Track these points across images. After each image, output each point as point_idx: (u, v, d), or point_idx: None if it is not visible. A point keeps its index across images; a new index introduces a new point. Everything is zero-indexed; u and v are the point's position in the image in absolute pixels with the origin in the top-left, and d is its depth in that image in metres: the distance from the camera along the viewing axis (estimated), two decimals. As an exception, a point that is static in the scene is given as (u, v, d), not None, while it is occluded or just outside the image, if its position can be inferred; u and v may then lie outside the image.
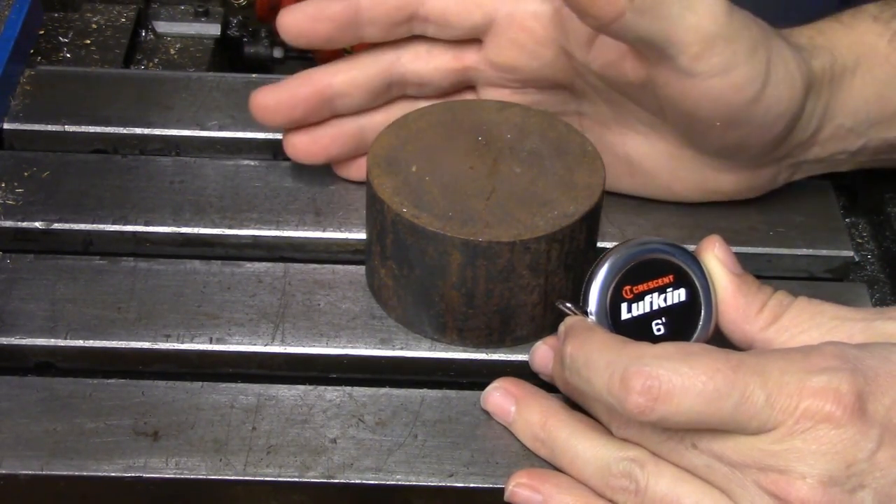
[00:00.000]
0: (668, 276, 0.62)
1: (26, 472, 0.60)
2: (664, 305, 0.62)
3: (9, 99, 0.79)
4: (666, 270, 0.62)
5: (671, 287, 0.62)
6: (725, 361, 0.55)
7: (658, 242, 0.63)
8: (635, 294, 0.62)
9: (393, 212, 0.64)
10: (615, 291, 0.62)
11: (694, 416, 0.54)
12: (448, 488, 0.61)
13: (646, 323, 0.62)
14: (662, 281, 0.62)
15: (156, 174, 0.76)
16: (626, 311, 0.62)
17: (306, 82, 0.72)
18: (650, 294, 0.62)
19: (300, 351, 0.67)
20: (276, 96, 0.71)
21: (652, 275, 0.62)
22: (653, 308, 0.62)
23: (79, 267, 0.70)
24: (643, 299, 0.62)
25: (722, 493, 0.56)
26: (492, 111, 0.71)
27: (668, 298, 0.62)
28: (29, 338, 0.66)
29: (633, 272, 0.62)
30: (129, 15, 0.92)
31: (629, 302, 0.62)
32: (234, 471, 0.61)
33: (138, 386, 0.64)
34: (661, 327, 0.62)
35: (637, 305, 0.62)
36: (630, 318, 0.62)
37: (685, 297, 0.62)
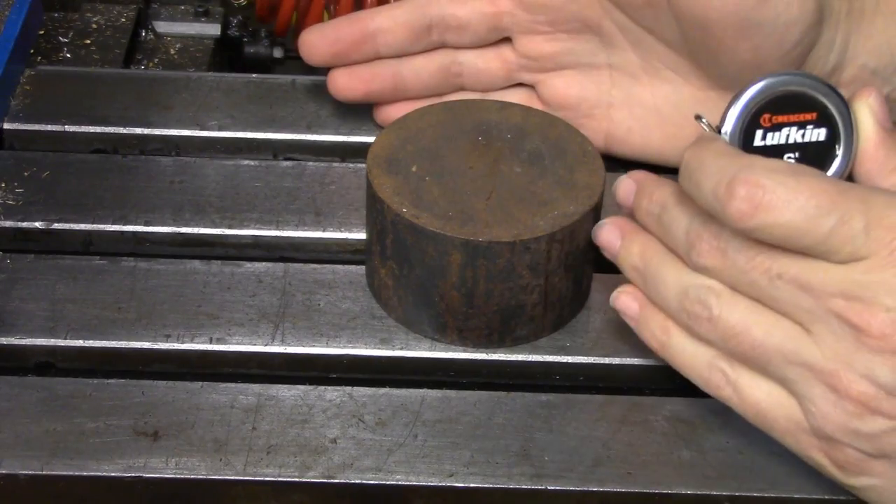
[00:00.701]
0: (811, 113, 0.60)
1: (26, 472, 0.60)
2: (800, 141, 0.60)
3: (9, 99, 0.79)
4: (811, 107, 0.60)
5: (812, 125, 0.60)
6: (833, 184, 0.55)
7: (812, 78, 0.61)
8: (773, 123, 0.60)
9: (393, 212, 0.64)
10: (753, 116, 0.60)
11: (790, 232, 0.54)
12: (448, 488, 0.61)
13: (777, 153, 0.60)
14: (804, 117, 0.60)
15: (156, 174, 0.76)
16: (759, 137, 0.60)
17: (350, 19, 0.75)
18: (788, 127, 0.60)
19: (300, 351, 0.67)
20: (321, 32, 0.75)
21: (795, 108, 0.60)
22: (788, 141, 0.60)
23: (79, 267, 0.70)
24: (780, 130, 0.60)
25: (797, 325, 0.56)
26: (492, 111, 0.71)
27: (807, 135, 0.60)
28: (29, 338, 0.66)
29: (777, 101, 0.60)
30: (129, 15, 0.92)
31: (765, 130, 0.60)
32: (234, 471, 0.61)
33: (138, 386, 0.64)
34: (792, 160, 0.60)
35: (773, 135, 0.60)
36: (763, 145, 0.60)
37: (824, 137, 0.60)
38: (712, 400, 0.63)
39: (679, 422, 0.64)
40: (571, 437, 0.63)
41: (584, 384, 0.67)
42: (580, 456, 0.62)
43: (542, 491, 0.61)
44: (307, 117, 0.80)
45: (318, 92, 0.81)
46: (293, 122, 0.79)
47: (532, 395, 0.65)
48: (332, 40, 0.75)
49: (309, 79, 0.83)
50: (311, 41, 0.75)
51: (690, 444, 0.63)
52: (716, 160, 0.57)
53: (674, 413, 0.64)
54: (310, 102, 0.81)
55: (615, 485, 0.61)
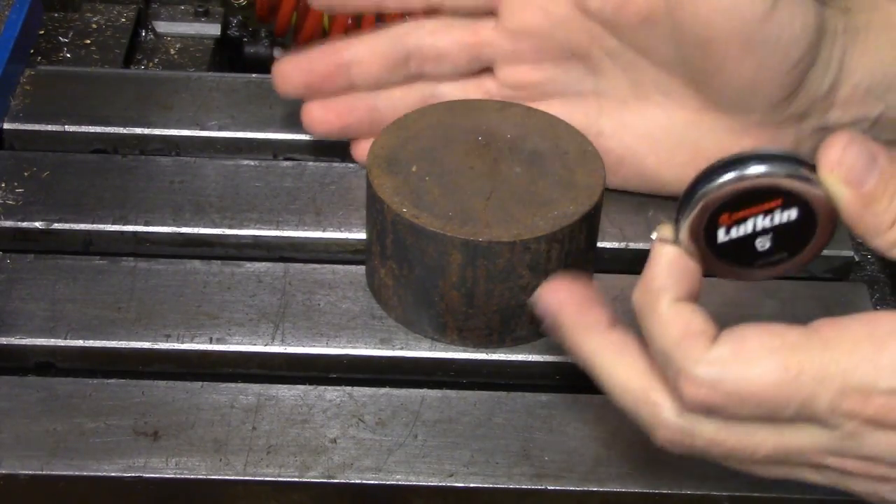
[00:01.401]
0: (774, 200, 0.54)
1: (26, 472, 0.60)
2: (770, 225, 0.55)
3: (9, 99, 0.79)
4: (772, 195, 0.54)
5: (779, 209, 0.54)
6: (785, 371, 0.52)
7: (762, 163, 0.54)
8: (734, 220, 0.55)
9: (393, 212, 0.64)
10: (710, 219, 0.55)
11: (754, 420, 0.53)
12: (448, 488, 0.61)
13: (747, 242, 0.55)
14: (768, 205, 0.54)
15: (156, 174, 0.76)
16: (723, 234, 0.55)
17: (324, 50, 0.74)
18: (753, 217, 0.55)
19: (300, 351, 0.67)
20: (295, 62, 0.74)
21: (755, 200, 0.54)
22: (756, 229, 0.55)
23: (79, 267, 0.70)
24: (744, 223, 0.55)
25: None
26: (492, 111, 0.71)
27: (776, 219, 0.55)
28: (29, 338, 0.66)
29: (733, 200, 0.54)
30: (129, 15, 0.92)
31: (727, 227, 0.55)
32: (234, 471, 0.61)
33: (138, 386, 0.64)
34: (766, 243, 0.56)
35: (738, 228, 0.55)
36: (728, 240, 0.55)
37: (796, 216, 0.54)
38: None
39: (679, 422, 0.64)
40: (571, 437, 0.63)
41: (584, 384, 0.67)
42: (580, 456, 0.62)
43: (542, 491, 0.61)
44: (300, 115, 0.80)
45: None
46: (293, 122, 0.79)
47: (532, 395, 0.65)
48: (306, 71, 0.73)
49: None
50: (284, 71, 0.74)
51: (690, 444, 0.63)
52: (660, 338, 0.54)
53: (674, 413, 0.64)
54: (310, 102, 0.81)
55: (615, 485, 0.61)
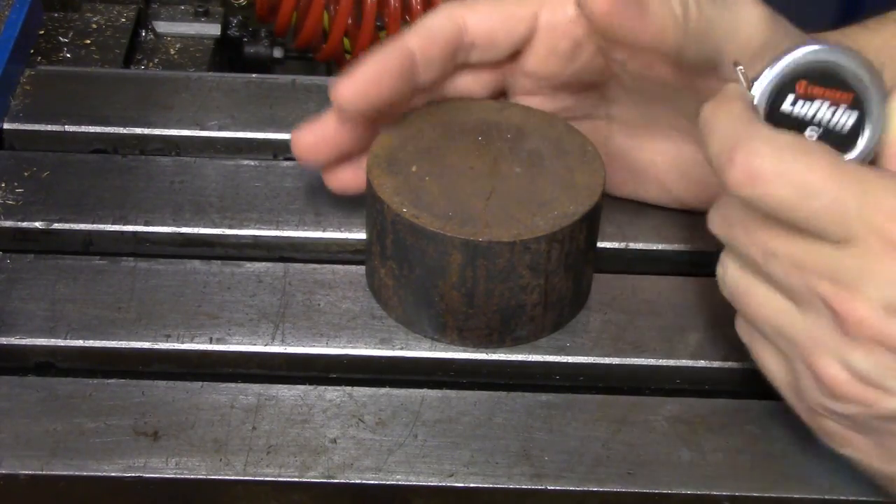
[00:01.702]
0: (847, 94, 0.58)
1: (26, 472, 0.60)
2: (828, 118, 0.58)
3: (9, 99, 0.79)
4: (849, 88, 0.58)
5: (844, 105, 0.58)
6: (832, 164, 0.54)
7: (861, 60, 0.58)
8: (807, 93, 0.58)
9: (393, 212, 0.64)
10: (790, 80, 0.58)
11: (782, 205, 0.55)
12: (448, 488, 0.61)
13: (802, 124, 0.58)
14: (840, 95, 0.58)
15: (156, 174, 0.76)
16: (789, 102, 0.58)
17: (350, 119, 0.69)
18: (821, 101, 0.58)
19: (300, 351, 0.67)
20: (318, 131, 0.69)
21: (834, 84, 0.58)
22: (816, 115, 0.58)
23: (79, 267, 0.70)
24: (811, 102, 0.58)
25: (788, 300, 0.57)
26: (492, 111, 0.71)
27: (836, 115, 0.58)
28: (29, 338, 0.66)
29: (819, 72, 0.58)
30: (129, 15, 0.92)
31: (797, 97, 0.58)
32: (234, 471, 0.61)
33: (138, 386, 0.64)
34: (813, 135, 0.58)
35: (803, 104, 0.58)
36: (789, 112, 0.58)
37: (852, 122, 0.58)
38: (712, 400, 0.63)
39: (679, 422, 0.64)
40: (571, 437, 0.63)
41: (584, 384, 0.67)
42: (580, 456, 0.62)
43: (542, 491, 0.61)
44: (307, 117, 0.79)
45: (318, 92, 0.81)
46: (293, 122, 0.79)
47: (532, 395, 0.65)
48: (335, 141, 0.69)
49: (309, 79, 0.83)
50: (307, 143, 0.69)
51: (690, 444, 0.63)
52: (727, 123, 0.57)
53: (674, 413, 0.64)
54: (310, 102, 0.81)
55: (615, 485, 0.61)
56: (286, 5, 0.96)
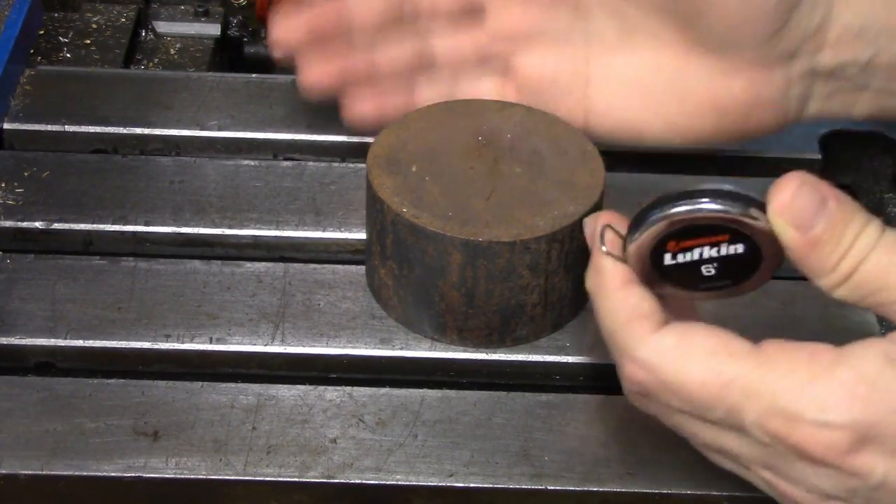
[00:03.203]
0: (723, 235, 0.55)
1: (26, 472, 0.60)
2: (716, 255, 0.56)
3: (9, 99, 0.79)
4: (722, 230, 0.55)
5: (727, 242, 0.55)
6: (717, 375, 0.53)
7: (714, 199, 0.55)
8: (682, 248, 0.56)
9: (393, 212, 0.64)
10: (659, 244, 0.56)
11: (684, 415, 0.55)
12: (448, 488, 0.61)
13: (693, 268, 0.56)
14: (717, 238, 0.55)
15: (156, 174, 0.76)
16: (669, 258, 0.56)
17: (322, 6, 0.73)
18: (699, 247, 0.56)
19: (300, 351, 0.67)
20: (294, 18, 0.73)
21: (704, 233, 0.55)
22: (703, 257, 0.56)
23: (79, 267, 0.70)
24: (691, 251, 0.56)
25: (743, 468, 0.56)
26: (492, 111, 0.71)
27: (723, 250, 0.56)
28: (29, 338, 0.66)
29: (682, 230, 0.55)
30: (129, 15, 0.92)
31: (674, 252, 0.56)
32: (234, 471, 0.61)
33: (138, 386, 0.64)
34: (711, 270, 0.56)
35: (684, 255, 0.56)
36: (674, 263, 0.56)
37: (743, 250, 0.55)
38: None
39: (679, 422, 0.64)
40: (571, 437, 0.63)
41: (584, 384, 0.67)
42: (580, 456, 0.62)
43: (542, 491, 0.61)
44: (307, 117, 0.80)
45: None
46: (293, 122, 0.79)
47: (532, 395, 0.65)
48: (305, 24, 0.73)
49: (309, 79, 0.83)
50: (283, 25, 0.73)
51: (690, 444, 0.63)
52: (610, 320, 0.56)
53: (674, 413, 0.64)
54: (310, 102, 0.81)
55: (615, 485, 0.61)
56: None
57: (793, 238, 0.54)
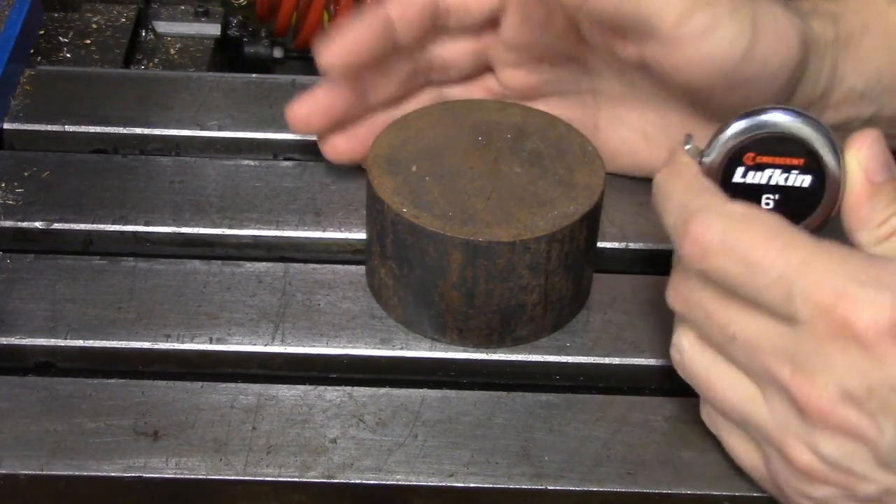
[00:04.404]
0: (798, 158, 0.58)
1: (26, 472, 0.60)
2: (783, 184, 0.59)
3: (9, 99, 0.79)
4: (799, 152, 0.58)
5: (797, 170, 0.59)
6: (776, 238, 0.54)
7: (807, 120, 0.58)
8: (757, 163, 0.59)
9: (393, 212, 0.64)
10: (738, 152, 0.59)
11: (733, 279, 0.55)
12: (448, 488, 0.61)
13: (757, 193, 0.59)
14: (791, 161, 0.59)
15: (156, 174, 0.76)
16: (740, 174, 0.59)
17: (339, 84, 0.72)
18: (772, 168, 0.59)
19: (300, 351, 0.67)
20: (313, 103, 0.72)
21: (782, 151, 0.58)
22: (770, 182, 0.59)
23: (79, 267, 0.70)
24: (763, 170, 0.59)
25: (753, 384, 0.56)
26: (492, 111, 0.71)
27: (790, 179, 0.59)
28: (29, 338, 0.66)
29: (765, 140, 0.58)
30: (129, 15, 0.92)
31: (747, 167, 0.59)
32: (234, 471, 0.61)
33: (138, 386, 0.64)
34: (770, 202, 0.59)
35: (754, 174, 0.59)
36: (742, 182, 0.59)
37: (808, 184, 0.59)
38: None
39: (679, 422, 0.64)
40: (571, 437, 0.63)
41: (584, 384, 0.67)
42: (580, 456, 0.62)
43: (542, 491, 0.61)
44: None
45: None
46: (293, 122, 0.79)
47: (532, 395, 0.65)
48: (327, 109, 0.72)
49: (309, 79, 0.83)
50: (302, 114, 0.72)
51: (690, 444, 0.63)
52: (681, 193, 0.58)
53: (674, 413, 0.65)
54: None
55: (615, 485, 0.61)
56: (286, 5, 0.96)
57: (859, 177, 0.58)
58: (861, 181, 0.58)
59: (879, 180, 0.58)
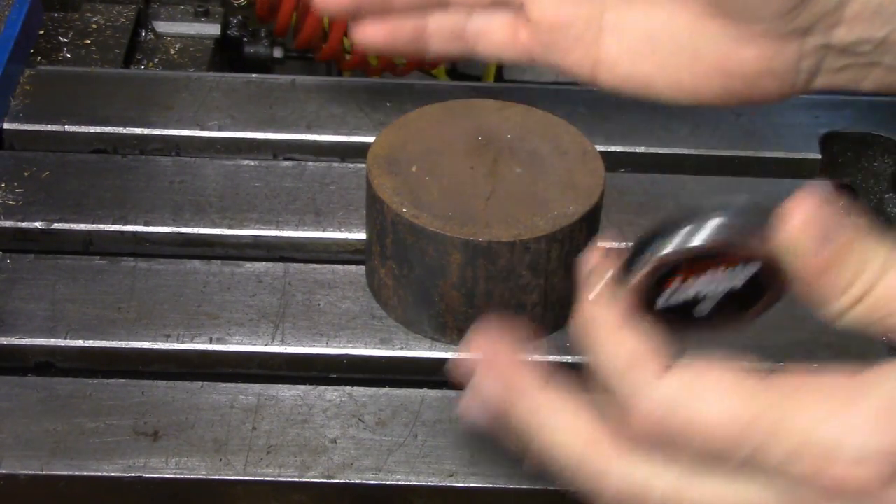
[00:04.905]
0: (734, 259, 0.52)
1: (26, 472, 0.60)
2: (717, 290, 0.53)
3: (9, 99, 0.79)
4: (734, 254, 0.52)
5: (730, 270, 0.52)
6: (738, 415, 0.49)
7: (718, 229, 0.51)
8: (689, 275, 0.52)
9: (393, 212, 0.64)
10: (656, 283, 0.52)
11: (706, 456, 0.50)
12: (448, 488, 0.61)
13: (688, 307, 0.53)
14: (727, 263, 0.52)
15: (156, 174, 0.76)
16: (665, 299, 0.53)
17: None
18: (701, 278, 0.52)
19: (300, 351, 0.67)
20: None
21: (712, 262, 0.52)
22: (700, 294, 0.53)
23: (79, 267, 0.70)
24: (691, 286, 0.52)
25: None
26: (492, 111, 0.71)
27: (724, 284, 0.52)
28: (29, 338, 0.66)
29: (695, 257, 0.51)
30: (129, 15, 0.92)
31: (671, 291, 0.53)
32: (234, 471, 0.61)
33: (138, 386, 0.64)
34: (708, 306, 0.53)
35: (685, 287, 0.52)
36: (668, 306, 0.53)
37: (747, 279, 0.52)
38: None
39: (679, 422, 0.64)
40: (571, 437, 0.63)
41: (583, 384, 0.67)
42: (580, 456, 0.62)
43: (542, 491, 0.61)
44: (307, 117, 0.80)
45: (318, 92, 0.82)
46: (293, 122, 0.79)
47: (532, 395, 0.65)
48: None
49: (309, 79, 0.83)
50: None
51: (690, 444, 0.63)
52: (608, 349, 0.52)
53: (674, 413, 0.64)
54: (310, 102, 0.81)
55: (615, 485, 0.61)
56: (286, 5, 0.96)
57: (802, 264, 0.51)
58: (810, 265, 0.51)
59: (829, 253, 0.50)
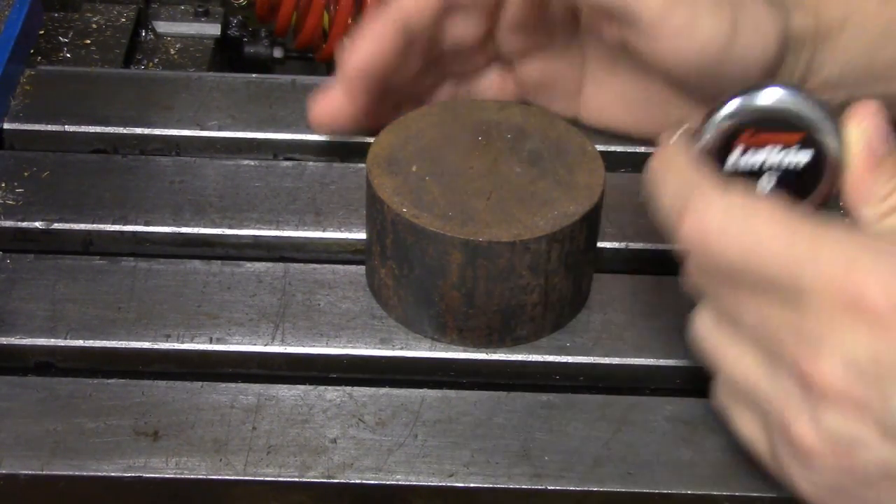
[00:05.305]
0: (796, 134, 0.57)
1: (26, 472, 0.60)
2: (781, 162, 0.57)
3: (9, 99, 0.79)
4: (796, 127, 0.57)
5: (796, 146, 0.57)
6: (779, 220, 0.53)
7: (802, 95, 0.56)
8: (753, 143, 0.57)
9: (393, 212, 0.64)
10: (733, 132, 0.57)
11: (735, 267, 0.54)
12: (448, 488, 0.61)
13: (754, 173, 0.58)
14: (788, 138, 0.57)
15: (156, 174, 0.76)
16: (736, 156, 0.57)
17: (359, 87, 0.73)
18: (770, 147, 0.57)
19: (300, 351, 0.67)
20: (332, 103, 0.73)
21: (779, 127, 0.57)
22: (767, 162, 0.57)
23: (79, 267, 0.70)
24: (760, 150, 0.57)
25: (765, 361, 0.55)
26: (492, 111, 0.71)
27: (789, 156, 0.57)
28: (29, 338, 0.66)
29: (761, 119, 0.57)
30: (129, 15, 0.92)
31: (745, 147, 0.57)
32: (234, 471, 0.61)
33: (138, 386, 0.64)
34: (771, 181, 0.58)
35: (751, 155, 0.57)
36: (738, 162, 0.57)
37: (808, 162, 0.57)
38: (712, 400, 0.63)
39: (679, 422, 0.64)
40: (571, 437, 0.63)
41: (584, 384, 0.67)
42: (580, 456, 0.62)
43: (542, 491, 0.61)
44: (307, 117, 0.80)
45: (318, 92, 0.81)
46: (293, 122, 0.79)
47: (532, 395, 0.65)
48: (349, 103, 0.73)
49: (309, 79, 0.83)
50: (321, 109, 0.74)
51: (690, 444, 0.63)
52: (676, 178, 0.57)
53: (674, 413, 0.65)
54: (309, 102, 0.81)
55: (615, 485, 0.61)
56: (286, 5, 0.96)
57: (860, 154, 0.56)
58: (863, 155, 0.57)
59: (881, 154, 0.57)
